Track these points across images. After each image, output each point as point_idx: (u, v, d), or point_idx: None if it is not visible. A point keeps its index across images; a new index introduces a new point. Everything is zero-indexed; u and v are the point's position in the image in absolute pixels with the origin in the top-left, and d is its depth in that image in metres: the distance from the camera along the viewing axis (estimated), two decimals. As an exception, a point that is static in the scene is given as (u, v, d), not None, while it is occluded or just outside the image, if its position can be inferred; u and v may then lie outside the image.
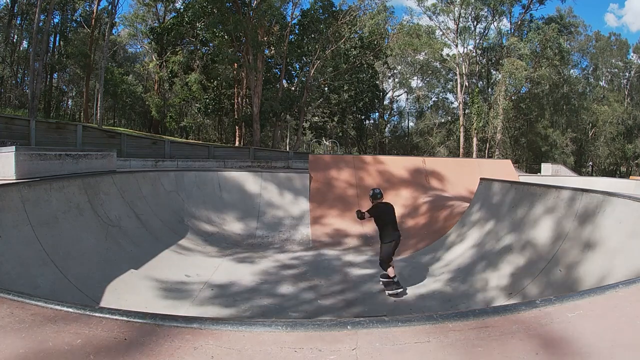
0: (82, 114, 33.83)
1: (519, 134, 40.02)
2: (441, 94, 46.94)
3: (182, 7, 30.56)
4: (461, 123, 36.05)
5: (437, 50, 35.27)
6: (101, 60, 27.11)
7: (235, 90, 32.71)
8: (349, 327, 1.50)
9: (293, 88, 31.96)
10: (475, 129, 34.01)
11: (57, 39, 34.58)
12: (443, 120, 46.10)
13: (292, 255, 7.28)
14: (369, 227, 8.98)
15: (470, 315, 1.61)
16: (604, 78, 45.57)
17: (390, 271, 5.11)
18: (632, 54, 45.21)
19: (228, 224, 8.64)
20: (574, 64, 42.22)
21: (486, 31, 36.55)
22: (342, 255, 7.36)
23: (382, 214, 5.24)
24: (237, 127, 32.42)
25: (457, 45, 36.30)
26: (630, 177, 26.53)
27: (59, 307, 1.64)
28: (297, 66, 33.98)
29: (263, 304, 4.78)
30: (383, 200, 5.46)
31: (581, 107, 40.08)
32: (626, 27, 67.60)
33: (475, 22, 35.91)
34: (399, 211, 9.31)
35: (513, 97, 34.96)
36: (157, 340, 1.40)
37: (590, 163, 37.96)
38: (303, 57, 31.93)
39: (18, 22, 32.62)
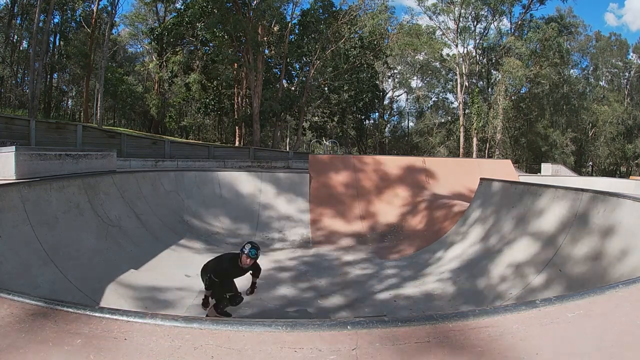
0: (82, 114, 33.82)
1: (519, 134, 39.99)
2: (441, 94, 46.94)
3: (182, 7, 30.55)
4: (461, 123, 36.03)
5: (437, 50, 35.25)
6: (101, 60, 27.10)
7: (235, 90, 32.69)
8: (349, 327, 1.50)
9: (293, 88, 31.95)
10: (475, 129, 34.00)
11: (57, 39, 34.59)
12: (443, 120, 46.06)
13: (292, 255, 7.28)
14: (368, 227, 8.98)
15: (470, 315, 1.61)
16: (604, 78, 45.54)
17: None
18: (631, 53, 45.22)
19: (228, 224, 8.64)
20: (574, 64, 42.22)
21: (486, 31, 36.55)
22: (341, 255, 7.36)
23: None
24: (237, 127, 32.41)
25: (457, 45, 36.30)
26: (630, 177, 26.52)
27: (59, 307, 1.64)
28: (297, 66, 33.96)
29: (263, 304, 4.78)
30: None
31: (581, 107, 40.04)
32: (626, 26, 67.66)
33: (475, 22, 35.90)
34: (399, 211, 9.34)
35: (513, 97, 34.95)
36: (157, 340, 1.40)
37: (590, 163, 37.95)
38: (303, 57, 31.91)
39: (18, 22, 32.60)
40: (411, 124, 50.46)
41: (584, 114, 40.03)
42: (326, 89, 33.62)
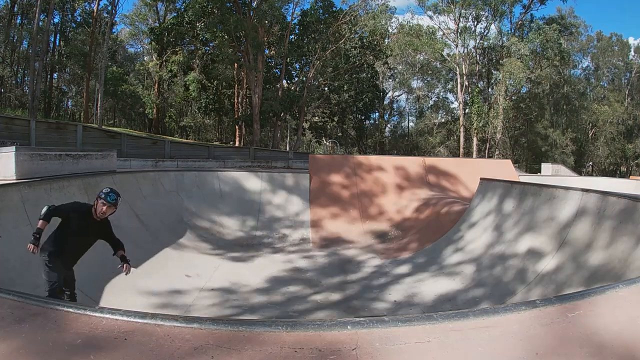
0: (82, 114, 33.78)
1: (519, 134, 39.96)
2: (441, 94, 46.92)
3: (182, 6, 30.53)
4: (461, 123, 35.99)
5: (438, 50, 35.24)
6: (101, 60, 27.09)
7: (235, 90, 32.67)
8: (349, 327, 1.50)
9: (293, 88, 31.93)
10: (475, 129, 33.96)
11: (57, 39, 34.58)
12: (443, 120, 46.03)
13: (292, 255, 7.28)
14: (368, 227, 8.97)
15: (470, 315, 1.61)
16: (604, 78, 45.51)
17: None
18: (632, 53, 45.21)
19: (228, 224, 8.63)
20: (575, 64, 42.17)
21: (486, 31, 36.52)
22: (341, 254, 7.35)
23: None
24: (237, 127, 32.41)
25: (457, 45, 36.25)
26: (630, 177, 26.50)
27: (59, 307, 1.64)
28: (297, 66, 33.94)
29: (263, 304, 4.78)
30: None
31: (581, 107, 40.03)
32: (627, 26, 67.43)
33: (475, 22, 35.87)
34: (399, 211, 9.34)
35: (513, 97, 34.93)
36: (157, 340, 1.40)
37: (590, 163, 37.93)
38: (303, 57, 31.90)
39: (18, 22, 32.60)
40: (411, 124, 50.48)
41: (584, 114, 40.01)
42: (326, 89, 33.61)
